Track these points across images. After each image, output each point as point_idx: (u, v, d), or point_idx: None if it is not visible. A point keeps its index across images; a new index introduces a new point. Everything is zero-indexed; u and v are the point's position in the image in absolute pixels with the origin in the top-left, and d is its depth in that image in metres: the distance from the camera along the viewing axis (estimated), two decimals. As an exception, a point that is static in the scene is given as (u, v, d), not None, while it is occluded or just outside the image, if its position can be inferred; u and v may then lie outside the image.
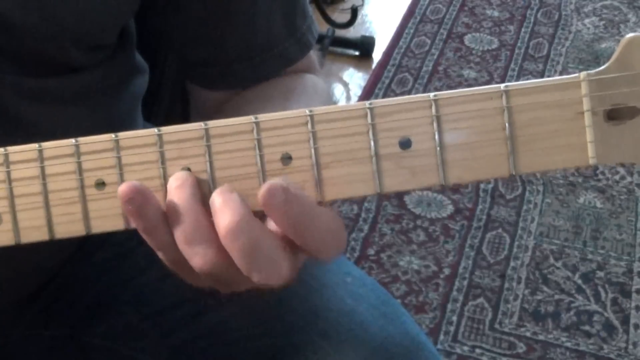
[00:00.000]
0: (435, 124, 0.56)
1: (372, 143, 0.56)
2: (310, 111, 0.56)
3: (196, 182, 0.56)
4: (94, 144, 0.57)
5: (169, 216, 0.56)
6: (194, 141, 0.57)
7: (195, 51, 0.82)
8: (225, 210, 0.55)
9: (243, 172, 0.57)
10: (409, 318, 0.83)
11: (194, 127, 0.57)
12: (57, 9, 0.70)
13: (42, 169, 0.57)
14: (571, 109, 0.55)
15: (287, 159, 0.56)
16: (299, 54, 0.83)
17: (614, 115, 0.55)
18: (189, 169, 0.57)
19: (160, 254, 0.59)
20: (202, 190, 0.57)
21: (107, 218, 0.57)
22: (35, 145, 0.57)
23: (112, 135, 0.57)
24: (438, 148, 0.56)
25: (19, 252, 0.60)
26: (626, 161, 0.55)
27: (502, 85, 0.55)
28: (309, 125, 0.56)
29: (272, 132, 0.56)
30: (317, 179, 0.56)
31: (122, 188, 0.56)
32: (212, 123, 0.57)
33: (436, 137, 0.56)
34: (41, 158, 0.57)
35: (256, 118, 0.56)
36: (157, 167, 0.57)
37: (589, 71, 0.55)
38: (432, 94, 0.56)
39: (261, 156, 0.56)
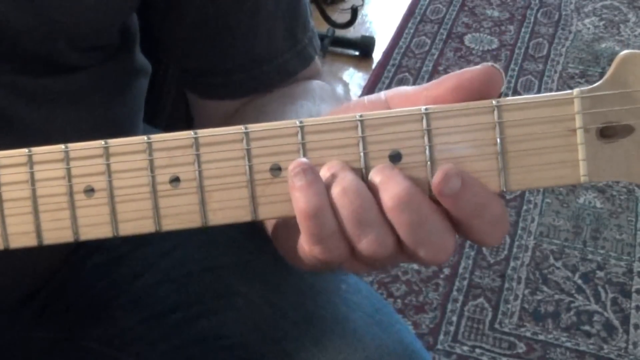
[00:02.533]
0: (426, 138, 0.55)
1: (362, 155, 0.56)
2: (301, 122, 0.56)
3: None
4: (83, 150, 0.57)
5: (338, 196, 0.55)
6: (184, 149, 0.56)
7: (194, 60, 0.82)
8: (390, 183, 0.55)
9: (232, 182, 0.56)
10: (404, 326, 0.82)
11: (184, 136, 0.56)
12: (51, 10, 0.70)
13: (32, 174, 0.57)
14: (563, 125, 0.55)
15: (276, 169, 0.56)
16: (299, 67, 0.83)
17: (606, 133, 0.55)
18: (177, 178, 0.57)
19: (318, 249, 0.57)
20: None
21: (96, 225, 0.57)
22: (24, 150, 0.57)
23: (102, 142, 0.57)
24: (428, 162, 0.56)
25: (14, 255, 0.59)
26: (618, 179, 0.55)
27: (494, 101, 0.55)
28: (299, 136, 0.56)
29: (262, 142, 0.56)
30: None
31: (293, 164, 0.55)
32: (201, 132, 0.56)
33: (427, 151, 0.55)
34: (30, 163, 0.57)
35: (246, 128, 0.56)
36: (146, 175, 0.57)
37: (582, 88, 0.55)
38: (423, 107, 0.55)
39: (250, 166, 0.56)
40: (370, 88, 2.47)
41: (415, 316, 1.81)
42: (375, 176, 0.55)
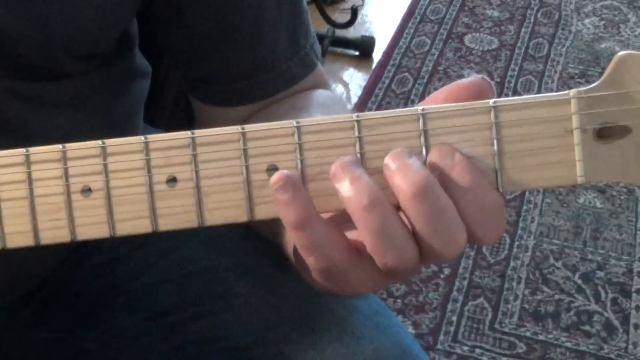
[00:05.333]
0: (422, 138, 0.55)
1: (359, 156, 0.56)
2: (298, 122, 0.56)
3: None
4: (81, 149, 0.57)
5: (362, 211, 0.53)
6: (181, 149, 0.56)
7: (197, 67, 0.82)
8: (409, 170, 0.53)
9: (228, 182, 0.56)
10: (403, 328, 0.82)
11: (181, 136, 0.56)
12: (49, 19, 0.70)
13: (29, 173, 0.57)
14: (560, 126, 0.55)
15: (272, 170, 0.56)
16: (302, 74, 0.83)
17: (603, 133, 0.54)
18: (174, 178, 0.57)
19: (312, 259, 0.56)
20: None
21: (93, 225, 0.57)
22: (22, 150, 0.57)
23: (99, 142, 0.57)
24: (426, 162, 0.56)
25: (13, 255, 0.59)
26: (614, 180, 0.55)
27: (491, 101, 0.55)
28: (296, 137, 0.56)
29: (259, 142, 0.56)
30: None
31: (273, 177, 0.54)
32: (198, 132, 0.56)
33: (423, 151, 0.55)
34: (28, 163, 0.57)
35: (243, 128, 0.56)
36: (143, 175, 0.56)
37: (579, 88, 0.55)
38: (420, 108, 0.55)
39: (247, 166, 0.56)
40: (370, 88, 2.47)
41: (415, 316, 1.81)
42: (391, 162, 0.54)
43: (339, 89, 2.51)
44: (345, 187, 0.54)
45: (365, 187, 0.54)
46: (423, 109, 0.55)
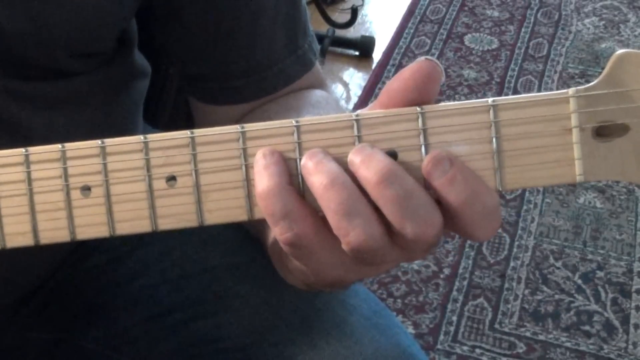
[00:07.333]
0: (421, 137, 0.55)
1: None
2: (297, 121, 0.56)
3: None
4: (80, 149, 0.57)
5: (323, 191, 0.54)
6: (180, 149, 0.56)
7: (195, 65, 0.82)
8: (372, 161, 0.54)
9: (228, 181, 0.56)
10: (402, 329, 0.82)
11: (180, 135, 0.56)
12: (47, 17, 0.70)
13: (28, 173, 0.57)
14: (559, 124, 0.55)
15: None
16: (300, 72, 0.83)
17: (602, 132, 0.55)
18: (174, 177, 0.57)
19: (288, 248, 0.56)
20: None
21: (92, 225, 0.57)
22: (21, 150, 0.57)
23: (99, 142, 0.57)
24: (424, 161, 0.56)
25: (13, 254, 0.59)
26: (613, 179, 0.55)
27: (490, 100, 0.55)
28: (295, 136, 0.56)
29: (258, 142, 0.56)
30: (302, 190, 0.56)
31: (257, 154, 0.55)
32: (198, 131, 0.56)
33: (422, 150, 0.55)
34: (27, 162, 0.57)
35: (242, 127, 0.56)
36: (142, 174, 0.56)
37: (577, 87, 0.55)
38: (418, 107, 0.55)
39: (246, 165, 0.56)
40: (370, 88, 2.48)
41: (415, 316, 1.81)
42: (355, 156, 0.55)
43: (339, 89, 2.51)
44: (310, 172, 0.55)
45: (326, 168, 0.54)
46: (422, 108, 0.55)
